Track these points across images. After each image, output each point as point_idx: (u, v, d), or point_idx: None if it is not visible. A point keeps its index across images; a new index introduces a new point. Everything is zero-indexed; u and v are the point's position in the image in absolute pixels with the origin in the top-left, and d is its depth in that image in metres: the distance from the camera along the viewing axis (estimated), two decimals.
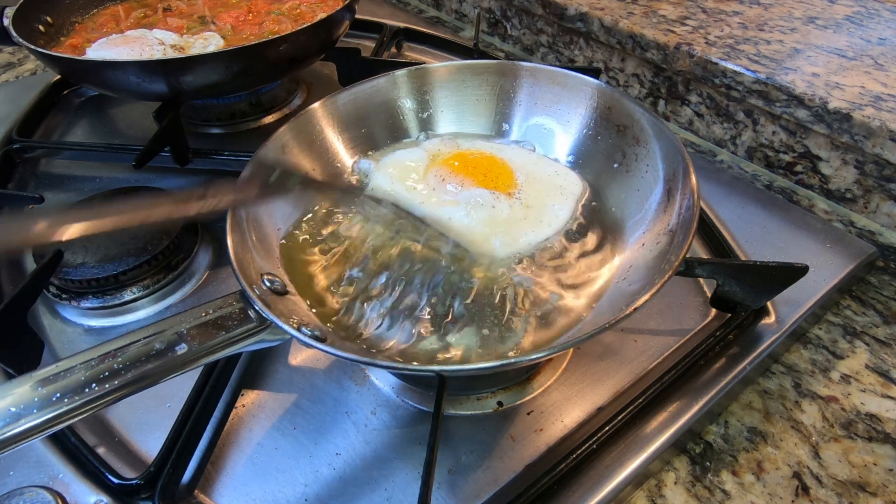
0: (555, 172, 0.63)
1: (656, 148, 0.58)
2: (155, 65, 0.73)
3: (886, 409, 0.56)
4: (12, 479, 0.49)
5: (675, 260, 0.45)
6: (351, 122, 0.68)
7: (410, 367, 0.46)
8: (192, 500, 0.48)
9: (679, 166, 0.53)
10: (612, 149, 0.63)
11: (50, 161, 0.87)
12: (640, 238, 0.55)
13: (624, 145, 0.62)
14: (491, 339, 0.49)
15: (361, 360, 0.44)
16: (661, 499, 0.50)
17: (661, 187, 0.56)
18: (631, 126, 0.61)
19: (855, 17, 0.94)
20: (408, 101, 0.70)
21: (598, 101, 0.64)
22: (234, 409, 0.54)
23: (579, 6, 0.98)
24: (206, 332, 0.42)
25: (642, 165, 0.59)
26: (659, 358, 0.58)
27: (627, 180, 0.60)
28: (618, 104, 0.63)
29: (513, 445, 0.51)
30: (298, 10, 0.95)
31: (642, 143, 0.60)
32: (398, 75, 0.69)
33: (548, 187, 0.61)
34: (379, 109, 0.70)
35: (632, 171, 0.60)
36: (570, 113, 0.67)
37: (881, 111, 0.71)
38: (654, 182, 0.57)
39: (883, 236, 0.75)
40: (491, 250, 0.56)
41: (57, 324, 0.64)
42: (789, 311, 0.61)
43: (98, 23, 0.95)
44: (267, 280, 0.49)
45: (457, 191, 0.59)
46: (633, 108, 0.61)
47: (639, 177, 0.59)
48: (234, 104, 0.91)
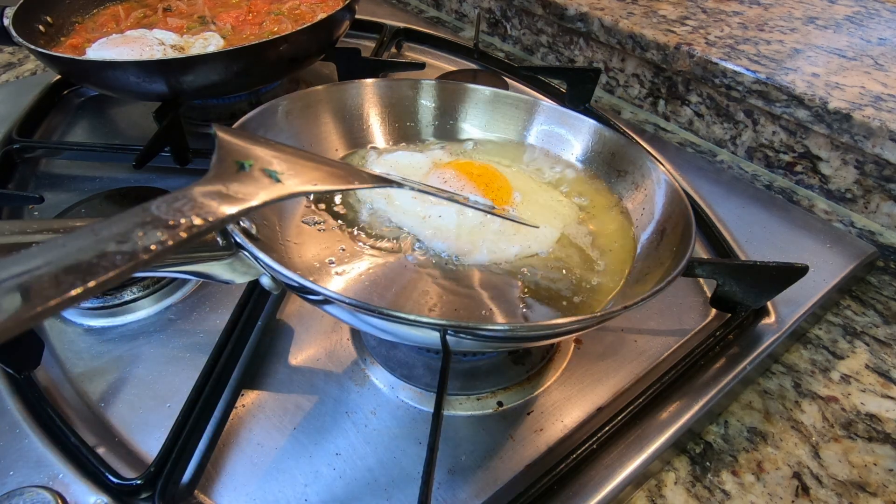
0: (551, 198, 0.63)
1: (655, 191, 0.59)
2: (155, 65, 0.73)
3: (886, 409, 0.56)
4: (12, 479, 0.49)
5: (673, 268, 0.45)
6: (358, 113, 0.68)
7: (409, 318, 0.40)
8: (192, 500, 0.48)
9: (679, 215, 0.54)
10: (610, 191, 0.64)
11: (50, 161, 0.87)
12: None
13: (622, 190, 0.62)
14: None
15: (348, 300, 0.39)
16: (661, 499, 0.50)
17: (653, 227, 0.57)
18: (632, 172, 0.62)
19: (855, 17, 0.94)
20: (429, 106, 0.71)
21: (603, 146, 0.65)
22: (234, 409, 0.54)
23: (579, 6, 0.98)
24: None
25: (638, 209, 0.60)
26: (659, 358, 0.58)
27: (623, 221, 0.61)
28: (622, 150, 0.63)
29: (513, 445, 0.51)
30: (298, 10, 0.95)
31: (640, 189, 0.60)
32: (425, 84, 0.70)
33: (543, 209, 0.61)
34: (398, 109, 0.70)
35: (624, 214, 0.61)
36: (574, 151, 0.67)
37: (881, 111, 0.71)
38: (648, 223, 0.58)
39: (883, 236, 0.75)
40: (474, 255, 0.56)
41: (57, 324, 0.64)
42: (789, 311, 0.61)
43: (98, 23, 0.95)
44: (241, 220, 0.48)
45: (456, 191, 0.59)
46: (637, 154, 0.62)
47: (634, 218, 0.60)
48: (235, 104, 0.91)
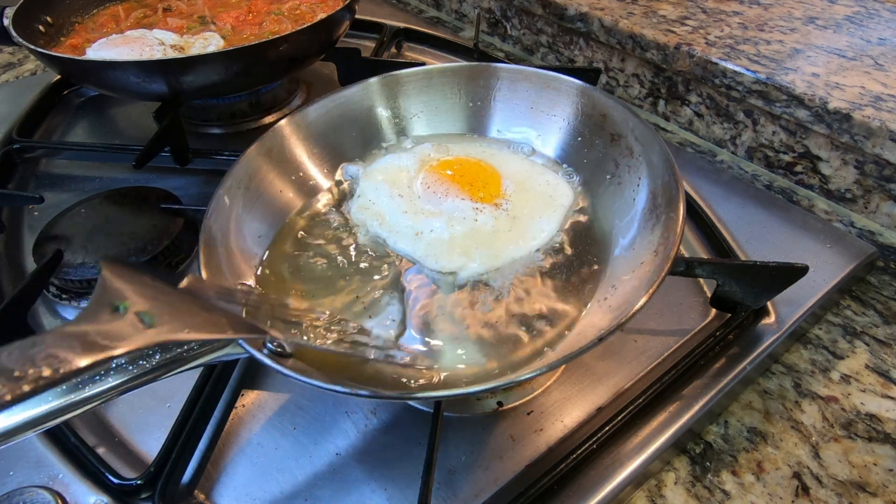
0: (546, 182, 0.62)
1: (645, 156, 0.57)
2: (155, 65, 0.73)
3: (886, 409, 0.56)
4: (12, 479, 0.49)
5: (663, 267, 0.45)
6: (323, 133, 0.67)
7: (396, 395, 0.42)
8: (192, 500, 0.48)
9: (668, 176, 0.52)
10: (605, 160, 0.62)
11: (50, 161, 0.87)
12: (626, 246, 0.54)
13: (617, 156, 0.61)
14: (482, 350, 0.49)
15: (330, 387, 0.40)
16: (661, 499, 0.50)
17: (645, 195, 0.55)
18: (625, 136, 0.60)
19: (855, 17, 0.94)
20: (382, 108, 0.70)
21: (589, 106, 0.63)
22: (234, 409, 0.54)
23: (579, 6, 0.98)
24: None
25: (634, 178, 0.58)
26: (659, 358, 0.58)
27: (619, 192, 0.59)
28: (612, 111, 0.62)
29: (513, 445, 0.51)
30: (298, 11, 0.95)
31: (636, 155, 0.59)
32: (371, 83, 0.69)
33: (537, 197, 0.60)
34: (355, 118, 0.69)
35: (624, 183, 0.59)
36: (559, 118, 0.66)
37: (881, 111, 0.71)
38: (643, 192, 0.56)
39: (883, 236, 0.75)
40: (471, 266, 0.55)
41: (57, 324, 0.64)
42: (789, 311, 0.61)
43: (98, 23, 0.95)
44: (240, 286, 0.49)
45: (440, 200, 0.59)
46: (623, 113, 0.60)
47: (631, 188, 0.58)
48: (235, 104, 0.91)
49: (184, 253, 0.68)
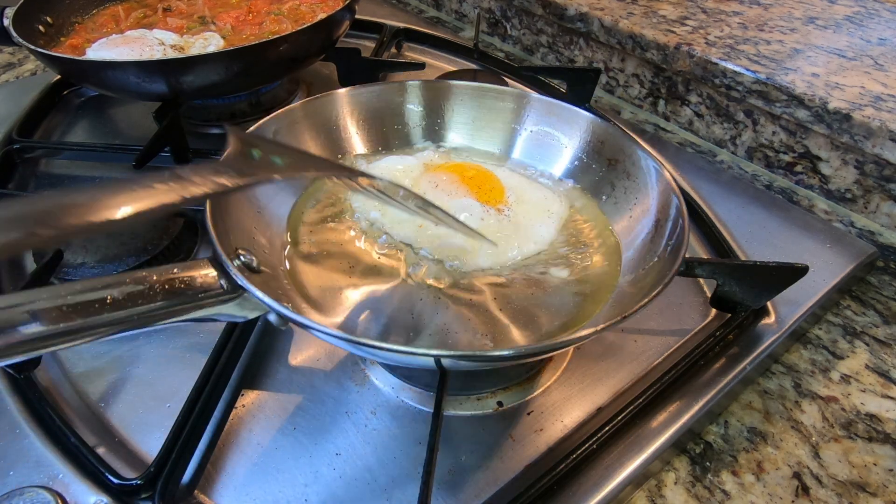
0: (544, 197, 0.63)
1: (647, 182, 0.58)
2: (155, 65, 0.73)
3: (886, 409, 0.56)
4: (12, 479, 0.49)
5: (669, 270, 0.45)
6: (350, 121, 0.68)
7: (404, 349, 0.41)
8: (192, 500, 0.48)
9: (670, 203, 0.54)
10: (601, 182, 0.63)
11: (50, 161, 0.87)
12: (629, 259, 0.56)
13: (614, 179, 0.62)
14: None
15: (346, 336, 0.40)
16: (661, 499, 0.50)
17: (651, 219, 0.56)
18: (622, 161, 0.62)
19: (855, 17, 0.94)
20: (417, 109, 0.70)
21: (592, 135, 0.65)
22: (234, 409, 0.54)
23: (579, 6, 0.98)
24: (172, 289, 0.40)
25: (631, 198, 0.60)
26: (659, 358, 0.58)
27: (616, 212, 0.61)
28: (611, 139, 0.63)
29: (513, 445, 0.51)
30: (298, 11, 0.95)
31: (632, 178, 0.60)
32: (411, 85, 0.69)
33: (535, 209, 0.61)
34: (384, 113, 0.69)
35: (619, 204, 0.61)
36: (565, 143, 0.67)
37: (881, 111, 0.71)
38: (643, 214, 0.57)
39: (883, 236, 0.75)
40: (475, 260, 0.56)
41: None
42: (789, 311, 0.61)
43: (98, 23, 0.95)
44: (242, 255, 0.48)
45: (448, 197, 0.59)
46: (626, 143, 0.61)
47: (627, 208, 0.60)
48: (235, 104, 0.91)
49: (184, 253, 0.68)
